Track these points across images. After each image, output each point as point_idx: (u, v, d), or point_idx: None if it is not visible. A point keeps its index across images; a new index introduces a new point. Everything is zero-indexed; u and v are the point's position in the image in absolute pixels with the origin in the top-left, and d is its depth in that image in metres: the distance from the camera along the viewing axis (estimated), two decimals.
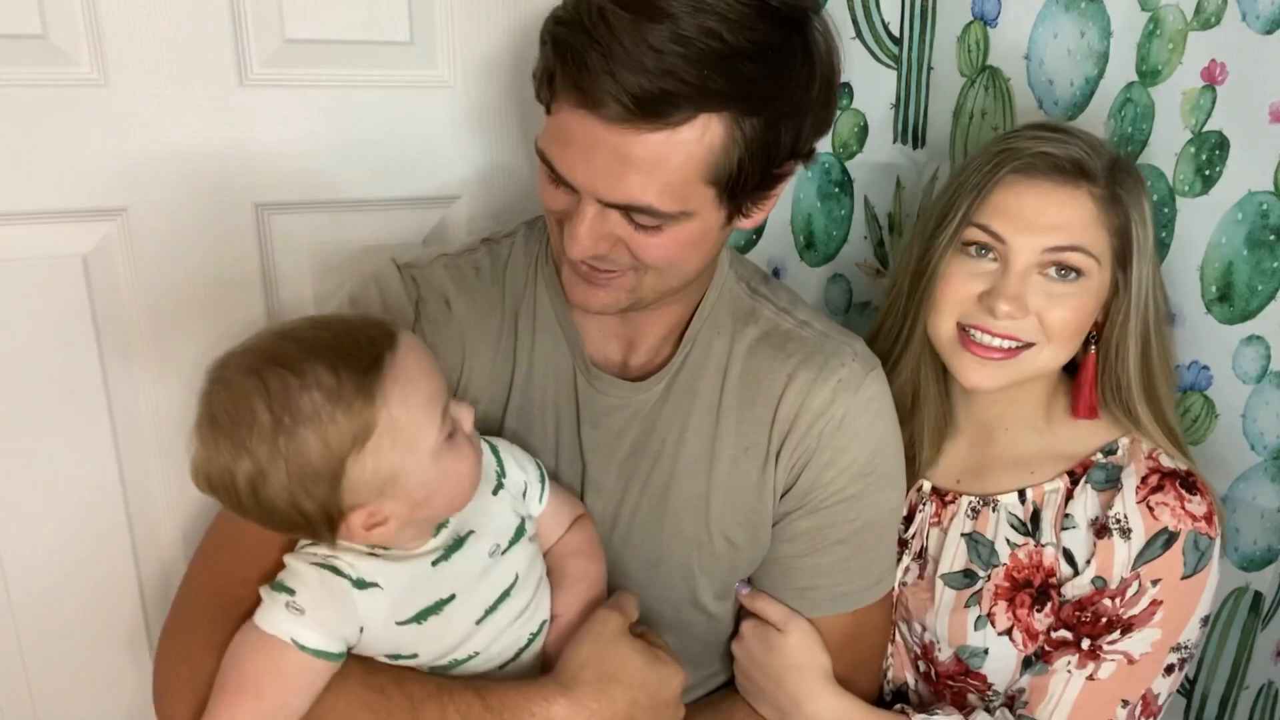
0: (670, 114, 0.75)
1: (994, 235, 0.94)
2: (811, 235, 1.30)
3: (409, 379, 0.75)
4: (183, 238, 1.05)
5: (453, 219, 1.17)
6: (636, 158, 0.76)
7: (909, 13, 1.19)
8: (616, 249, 0.83)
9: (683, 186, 0.79)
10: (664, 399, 0.96)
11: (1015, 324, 0.94)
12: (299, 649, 0.77)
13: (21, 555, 1.08)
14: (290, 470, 0.72)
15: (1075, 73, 1.11)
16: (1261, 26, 1.00)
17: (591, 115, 0.75)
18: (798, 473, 0.95)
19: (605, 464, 0.96)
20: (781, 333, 0.96)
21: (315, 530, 0.76)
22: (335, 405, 0.71)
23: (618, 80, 0.73)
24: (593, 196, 0.79)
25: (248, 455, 0.71)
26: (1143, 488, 0.95)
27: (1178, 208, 1.09)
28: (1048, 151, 0.93)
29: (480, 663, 0.86)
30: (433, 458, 0.77)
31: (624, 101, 0.73)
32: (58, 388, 1.04)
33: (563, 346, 0.97)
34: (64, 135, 0.98)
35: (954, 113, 1.20)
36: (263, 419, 0.71)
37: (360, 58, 1.06)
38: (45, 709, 1.14)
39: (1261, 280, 1.06)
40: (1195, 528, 0.93)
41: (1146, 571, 0.94)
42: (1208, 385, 1.12)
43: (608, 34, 0.73)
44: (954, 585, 1.03)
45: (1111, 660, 0.94)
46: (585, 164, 0.78)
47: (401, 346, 0.76)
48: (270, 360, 0.72)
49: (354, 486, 0.74)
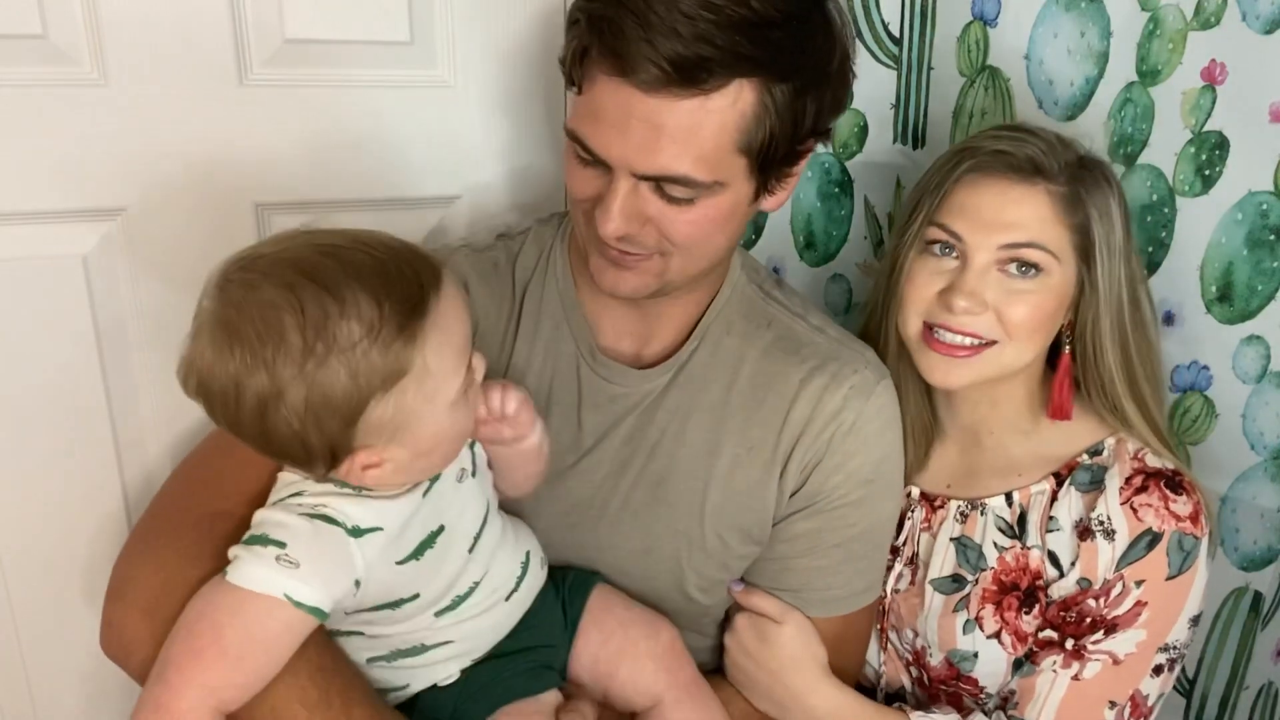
0: (705, 79, 0.76)
1: (952, 234, 0.95)
2: (811, 235, 1.31)
3: (448, 326, 0.73)
4: (183, 238, 1.05)
5: (453, 219, 1.17)
6: (671, 126, 0.78)
7: (909, 13, 1.19)
8: (646, 230, 0.84)
9: (716, 155, 0.80)
10: (668, 390, 0.96)
11: (974, 320, 0.95)
12: (294, 605, 0.72)
13: (21, 555, 1.08)
14: (310, 399, 0.67)
15: (1075, 73, 1.11)
16: (1261, 26, 1.00)
17: (627, 83, 0.77)
18: (806, 475, 0.96)
19: (601, 449, 0.97)
20: (796, 337, 0.97)
21: (310, 463, 0.72)
22: (373, 342, 0.68)
23: (654, 45, 0.75)
24: (627, 170, 0.81)
25: (265, 372, 0.66)
26: (1126, 488, 0.95)
27: (1178, 208, 1.09)
28: (1003, 150, 0.94)
29: (482, 598, 0.86)
30: (449, 410, 0.75)
31: (662, 66, 0.75)
32: (58, 388, 1.04)
33: (566, 335, 0.97)
34: (64, 135, 0.98)
35: (954, 113, 1.20)
36: (292, 340, 0.66)
37: (360, 58, 1.06)
38: (46, 710, 1.14)
39: (1261, 280, 1.06)
40: (1180, 528, 0.93)
41: (1130, 573, 0.94)
42: (1208, 385, 1.12)
43: (642, 3, 0.75)
44: (943, 590, 1.03)
45: (1096, 660, 0.94)
46: (620, 137, 0.79)
47: (445, 289, 0.73)
48: (309, 276, 0.67)
49: (369, 427, 0.71)
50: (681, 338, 0.98)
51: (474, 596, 0.86)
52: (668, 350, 0.98)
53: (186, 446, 1.11)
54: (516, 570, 0.89)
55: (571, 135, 0.83)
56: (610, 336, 0.98)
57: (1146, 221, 1.11)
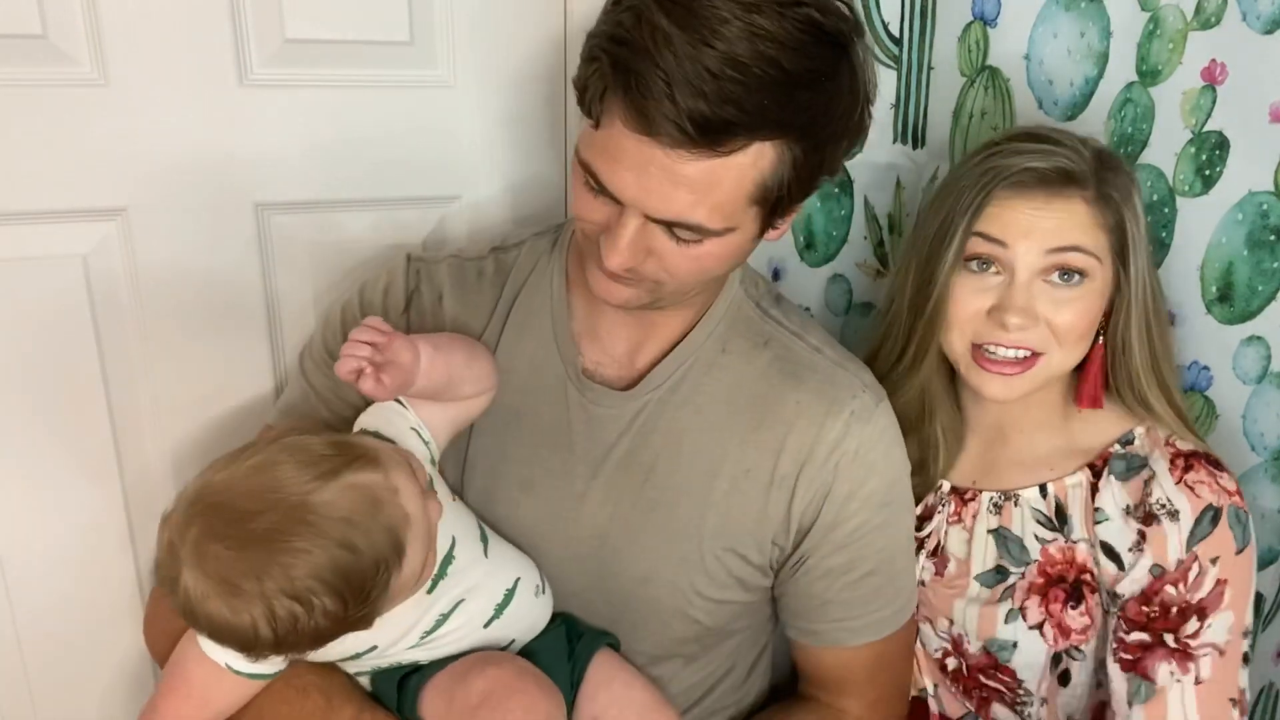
0: (727, 142, 0.75)
1: (996, 241, 0.94)
2: (811, 235, 1.30)
3: (412, 576, 0.78)
4: (183, 238, 1.05)
5: (452, 219, 1.17)
6: (689, 178, 0.77)
7: (909, 13, 1.19)
8: (649, 262, 0.83)
9: (731, 206, 0.79)
10: (661, 411, 0.95)
11: (1025, 335, 0.94)
12: (234, 673, 0.81)
13: (21, 554, 1.08)
14: (287, 644, 0.75)
15: (1075, 73, 1.11)
16: (1261, 26, 1.00)
17: (648, 139, 0.75)
18: (818, 506, 0.95)
19: (594, 475, 0.95)
20: (794, 358, 0.97)
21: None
22: (340, 625, 0.75)
23: (678, 105, 0.72)
24: (639, 210, 0.80)
25: (242, 640, 0.74)
26: (1175, 469, 0.95)
27: (1178, 208, 1.09)
28: (1033, 166, 0.93)
29: (454, 627, 0.87)
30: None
31: (685, 127, 0.73)
32: (58, 388, 1.04)
33: (553, 356, 0.96)
34: (64, 135, 0.98)
35: (954, 113, 1.20)
36: (265, 635, 0.72)
37: (360, 58, 1.06)
38: (46, 710, 1.14)
39: (1261, 280, 1.06)
40: (1233, 502, 0.94)
41: (1202, 550, 0.93)
42: (1208, 385, 1.12)
43: (671, 59, 0.72)
44: (987, 584, 1.03)
45: (1205, 656, 0.93)
46: (636, 181, 0.78)
47: (409, 546, 0.77)
48: (273, 578, 0.71)
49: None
50: (668, 352, 0.96)
51: (444, 626, 0.86)
52: (654, 364, 0.96)
53: (186, 446, 1.11)
54: (497, 598, 0.89)
55: (584, 165, 0.81)
56: (602, 352, 0.97)
57: (1146, 221, 1.11)
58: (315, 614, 0.72)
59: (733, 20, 0.73)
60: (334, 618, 0.73)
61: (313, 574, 0.71)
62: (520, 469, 0.96)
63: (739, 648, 1.05)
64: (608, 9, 0.80)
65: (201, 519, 0.72)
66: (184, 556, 0.72)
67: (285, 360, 1.13)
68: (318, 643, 0.76)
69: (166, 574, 0.73)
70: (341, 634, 0.77)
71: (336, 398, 0.98)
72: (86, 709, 1.16)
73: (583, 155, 0.81)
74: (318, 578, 0.72)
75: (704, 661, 1.02)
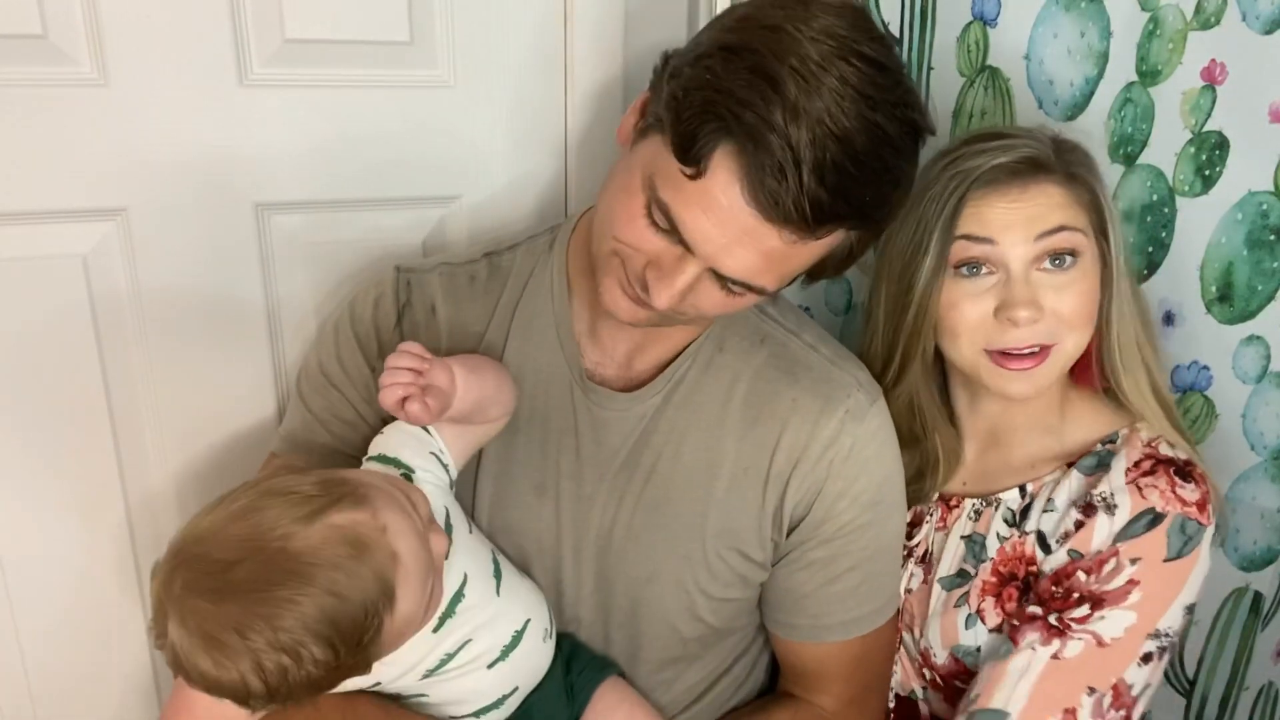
0: (822, 229, 0.77)
1: (984, 240, 0.93)
2: None
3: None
4: (183, 238, 1.05)
5: (452, 219, 1.17)
6: (774, 250, 0.78)
7: (909, 13, 1.19)
8: (685, 304, 0.83)
9: (794, 275, 0.84)
10: (661, 411, 0.95)
11: (1036, 329, 0.93)
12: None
13: (20, 554, 1.08)
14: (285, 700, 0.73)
15: (1075, 73, 1.11)
16: (1261, 26, 1.00)
17: (751, 207, 0.75)
18: (809, 503, 0.95)
19: (599, 477, 0.96)
20: (790, 356, 0.97)
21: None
22: (334, 673, 0.73)
23: (803, 191, 0.73)
24: (709, 269, 0.80)
25: (234, 694, 0.72)
26: (1134, 470, 0.95)
27: (1178, 208, 1.09)
28: (1000, 162, 0.93)
29: (460, 662, 0.85)
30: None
31: (795, 211, 0.74)
32: (58, 388, 1.04)
33: (559, 360, 0.96)
34: (64, 135, 0.98)
35: (954, 113, 1.20)
36: (256, 688, 0.70)
37: (360, 58, 1.06)
38: (46, 710, 1.14)
39: (1261, 280, 1.06)
40: (1185, 512, 0.92)
41: (1126, 549, 0.92)
42: (1208, 385, 1.12)
43: (803, 139, 0.72)
44: (947, 587, 1.03)
45: (1079, 639, 0.91)
46: (719, 238, 0.77)
47: (399, 588, 0.74)
48: (257, 630, 0.69)
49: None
50: (672, 355, 0.97)
51: (449, 664, 0.85)
52: (658, 366, 0.97)
53: (185, 446, 1.11)
54: (505, 640, 0.88)
55: (660, 204, 0.78)
56: (603, 354, 0.97)
57: (1146, 221, 1.11)
58: (305, 664, 0.70)
59: (851, 108, 0.73)
60: (326, 666, 0.71)
61: (298, 624, 0.69)
62: (532, 473, 0.96)
63: (738, 645, 1.05)
64: (710, 50, 0.77)
65: (183, 570, 0.70)
66: (170, 610, 0.70)
67: (285, 361, 1.13)
68: (314, 691, 0.73)
69: (157, 628, 0.72)
70: (338, 681, 0.75)
71: (335, 418, 0.97)
72: (86, 709, 1.16)
73: (662, 195, 0.78)
74: (304, 627, 0.69)
75: (705, 660, 1.03)
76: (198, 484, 1.12)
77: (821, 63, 0.73)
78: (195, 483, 1.12)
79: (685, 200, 0.77)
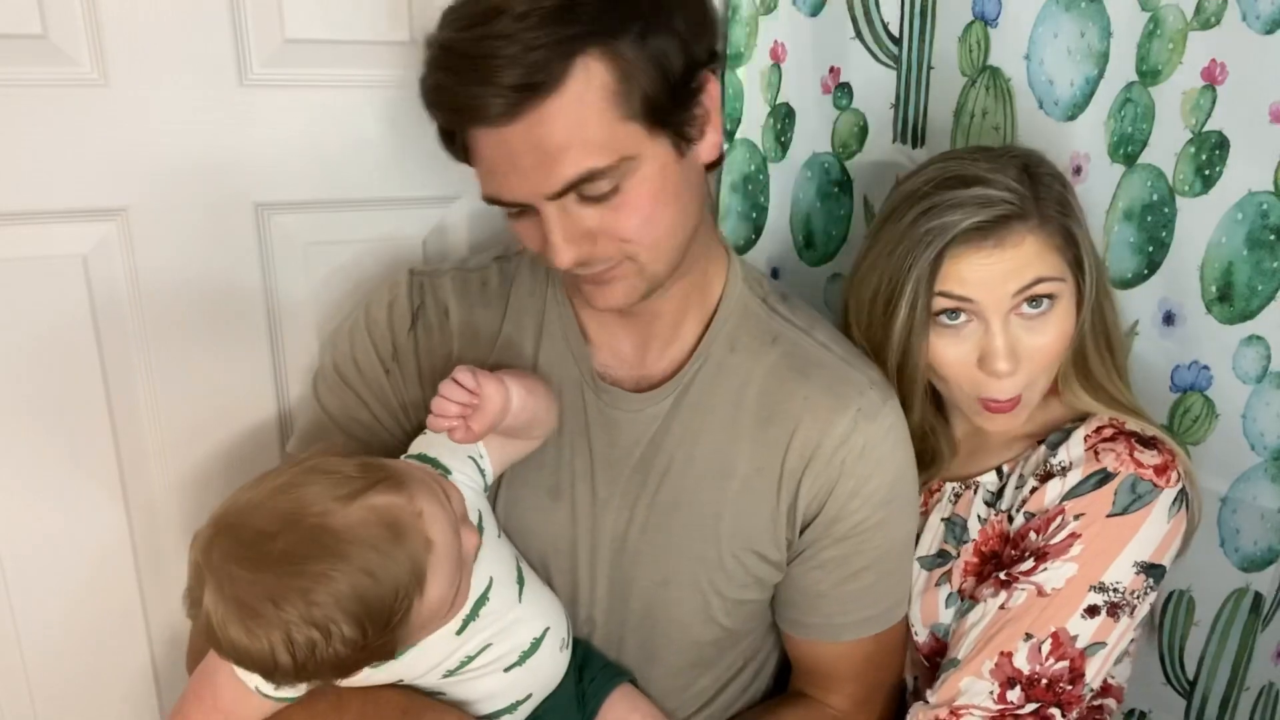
0: (546, 80, 0.76)
1: (962, 299, 0.94)
2: (811, 235, 1.30)
3: (437, 606, 0.77)
4: (183, 238, 1.05)
5: (452, 219, 1.17)
6: (547, 137, 0.77)
7: (909, 13, 1.19)
8: (600, 244, 0.83)
9: (603, 135, 0.78)
10: (673, 413, 0.95)
11: (1016, 380, 0.95)
12: (261, 695, 0.81)
13: (20, 554, 1.08)
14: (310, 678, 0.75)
15: (1075, 72, 1.11)
16: (1261, 26, 1.00)
17: (490, 127, 0.78)
18: (822, 501, 0.95)
19: (613, 480, 0.96)
20: (802, 355, 0.97)
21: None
22: (361, 654, 0.73)
23: (491, 82, 0.75)
24: (542, 198, 0.80)
25: (262, 666, 0.73)
26: (1094, 436, 0.96)
27: (1178, 208, 1.09)
28: (976, 221, 0.91)
29: (480, 663, 0.86)
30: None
31: (504, 95, 0.76)
32: (58, 388, 1.04)
33: (569, 361, 0.97)
34: (64, 135, 0.98)
35: (954, 112, 1.20)
36: (284, 661, 0.71)
37: (360, 58, 1.07)
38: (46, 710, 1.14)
39: (1261, 280, 1.06)
40: (1139, 472, 0.93)
41: (1071, 505, 0.93)
42: (1208, 385, 1.12)
43: (461, 60, 0.77)
44: (927, 566, 1.04)
45: (1022, 590, 0.93)
46: (516, 174, 0.80)
47: (430, 573, 0.75)
48: (290, 602, 0.70)
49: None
50: (683, 356, 0.97)
51: (467, 666, 0.86)
52: (670, 369, 0.97)
53: (185, 446, 1.11)
54: (524, 646, 0.88)
55: (490, 201, 0.84)
56: (609, 347, 0.97)
57: (1146, 221, 1.11)
58: (334, 641, 0.70)
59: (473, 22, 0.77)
60: (354, 645, 0.71)
61: (331, 599, 0.70)
62: (548, 476, 0.96)
63: (749, 649, 1.05)
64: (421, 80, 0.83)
65: (223, 539, 0.72)
66: (206, 578, 0.71)
67: (285, 361, 1.13)
68: (340, 672, 0.74)
69: (193, 595, 0.73)
70: (364, 663, 0.75)
71: (351, 419, 0.98)
72: (86, 709, 1.16)
73: (483, 193, 0.85)
74: (336, 603, 0.70)
75: (718, 665, 1.03)
76: (198, 484, 1.12)
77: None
78: (195, 482, 1.12)
79: (484, 179, 0.84)
